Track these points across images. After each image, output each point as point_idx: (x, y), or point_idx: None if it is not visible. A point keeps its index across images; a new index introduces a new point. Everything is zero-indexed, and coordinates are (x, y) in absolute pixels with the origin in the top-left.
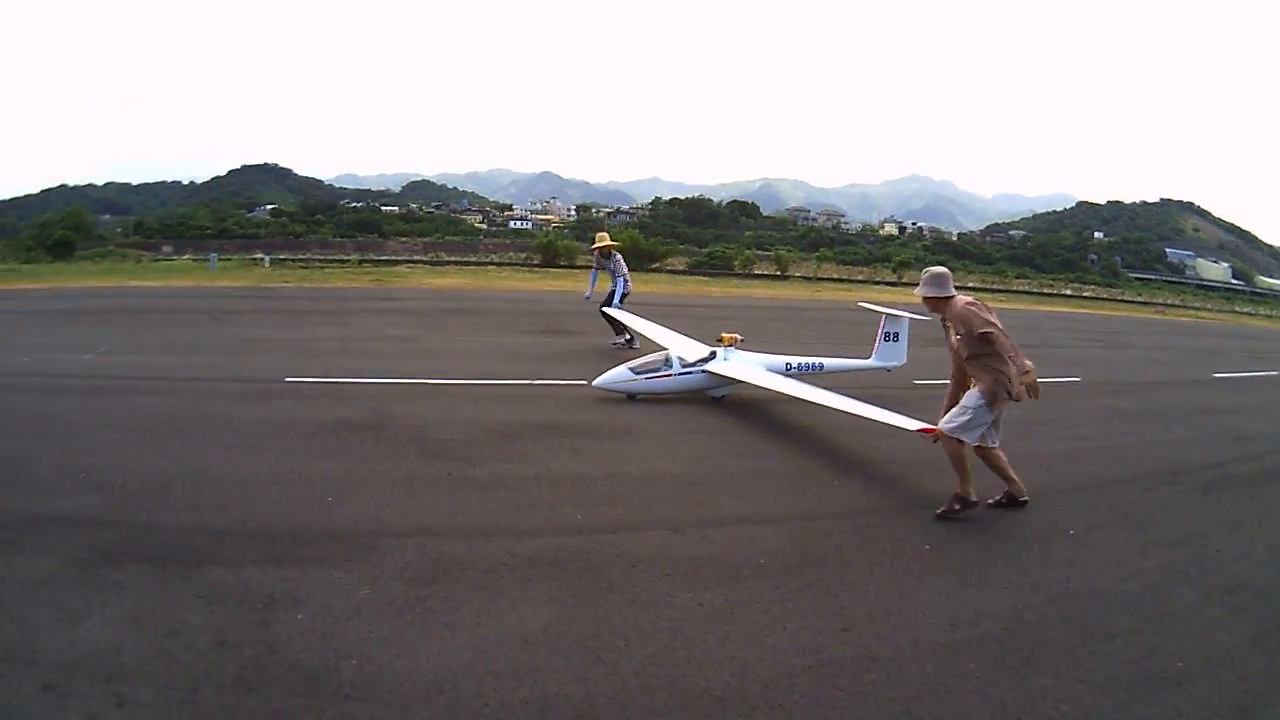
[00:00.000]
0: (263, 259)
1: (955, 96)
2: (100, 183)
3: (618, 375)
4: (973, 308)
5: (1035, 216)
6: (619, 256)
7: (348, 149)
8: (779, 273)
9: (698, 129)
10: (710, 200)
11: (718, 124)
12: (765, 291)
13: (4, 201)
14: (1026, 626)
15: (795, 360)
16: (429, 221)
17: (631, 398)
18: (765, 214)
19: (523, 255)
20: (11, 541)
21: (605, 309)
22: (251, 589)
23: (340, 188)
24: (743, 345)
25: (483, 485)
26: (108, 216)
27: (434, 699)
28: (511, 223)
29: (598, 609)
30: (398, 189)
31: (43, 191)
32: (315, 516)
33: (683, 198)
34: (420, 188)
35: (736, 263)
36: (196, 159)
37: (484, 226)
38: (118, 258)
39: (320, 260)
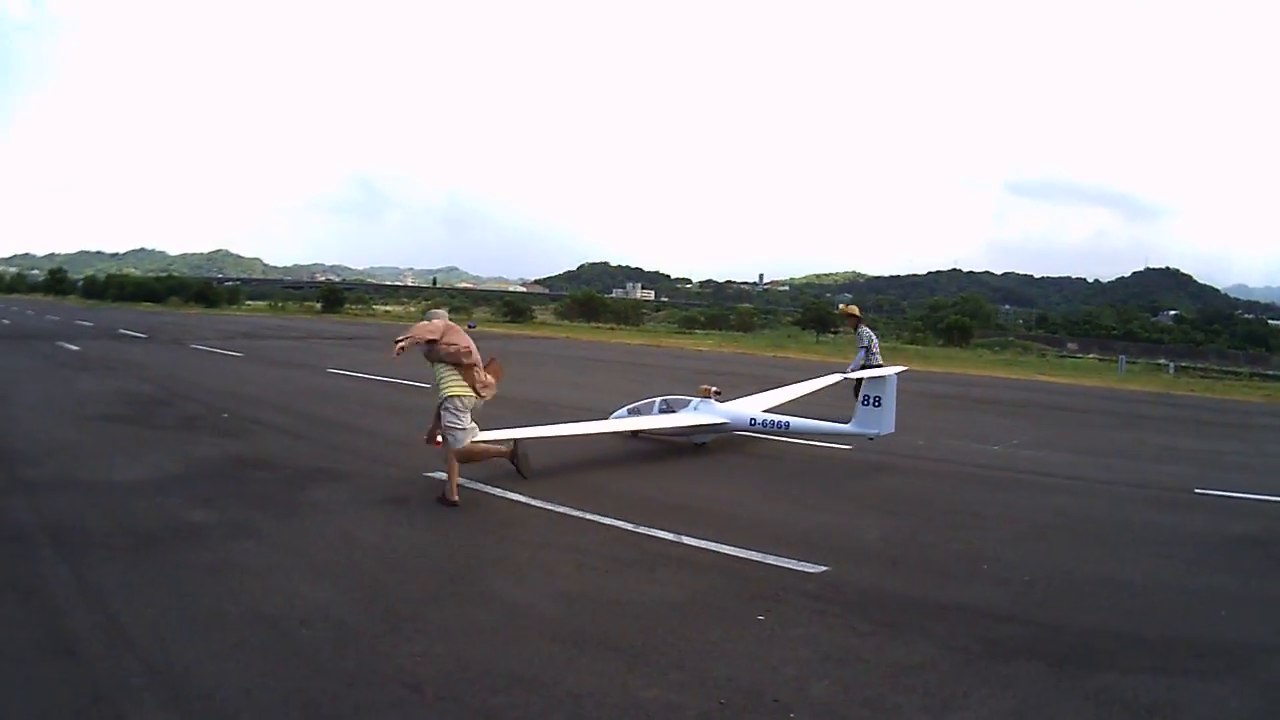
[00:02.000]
0: (1168, 366)
1: None
2: (998, 271)
3: (618, 414)
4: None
5: None
6: (864, 328)
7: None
8: None
9: None
10: None
11: None
12: None
13: (884, 279)
14: None
15: (761, 416)
16: None
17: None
18: None
19: None
20: (891, 624)
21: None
22: (1139, 695)
23: (1233, 298)
24: (720, 398)
25: None
26: (1008, 306)
27: None
28: None
29: None
30: None
31: (929, 273)
32: (1210, 629)
33: None
34: None
35: None
36: (1100, 257)
37: None
38: (1019, 349)
39: (1217, 370)
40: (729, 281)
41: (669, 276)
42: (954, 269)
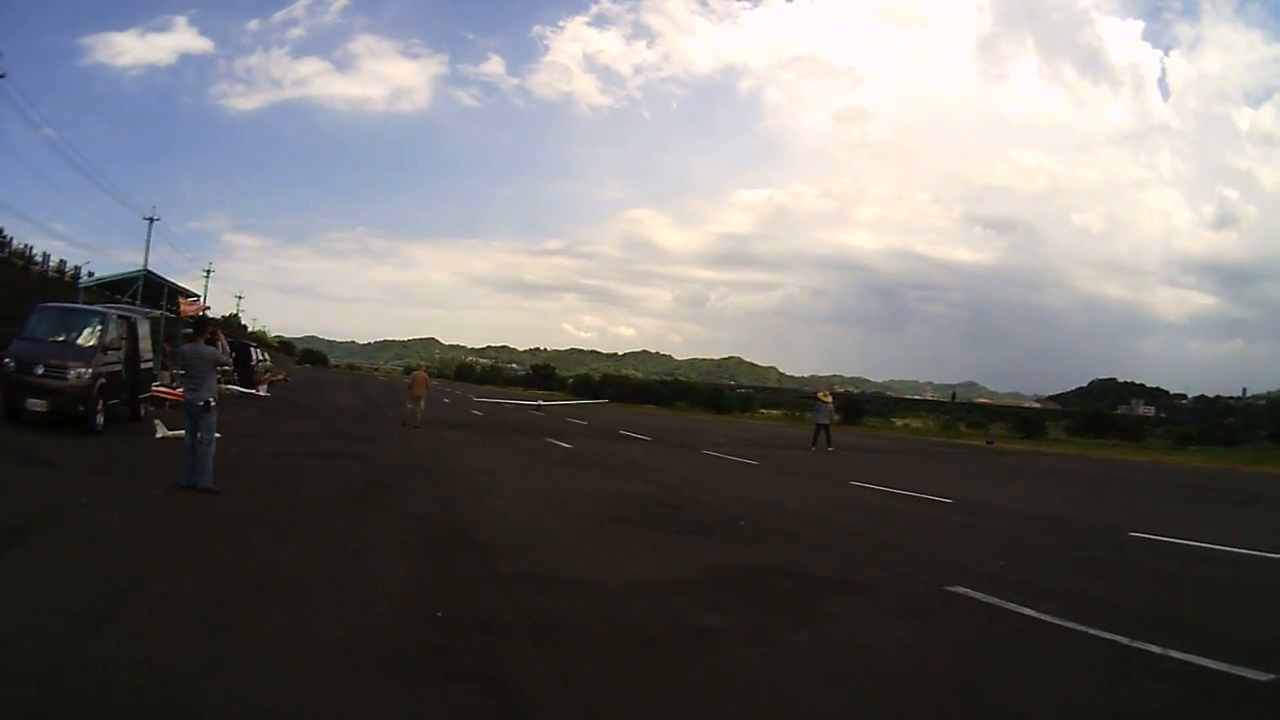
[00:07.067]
0: None
1: None
2: None
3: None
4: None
5: None
6: (823, 404)
7: None
8: None
9: None
10: None
11: None
12: None
13: None
14: None
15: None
16: None
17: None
18: None
19: None
20: None
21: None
22: None
23: None
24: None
25: None
26: None
27: None
28: None
29: None
30: None
31: None
32: None
33: None
34: None
35: None
36: None
37: None
38: None
39: None
40: (1218, 396)
41: (1168, 392)
42: None
